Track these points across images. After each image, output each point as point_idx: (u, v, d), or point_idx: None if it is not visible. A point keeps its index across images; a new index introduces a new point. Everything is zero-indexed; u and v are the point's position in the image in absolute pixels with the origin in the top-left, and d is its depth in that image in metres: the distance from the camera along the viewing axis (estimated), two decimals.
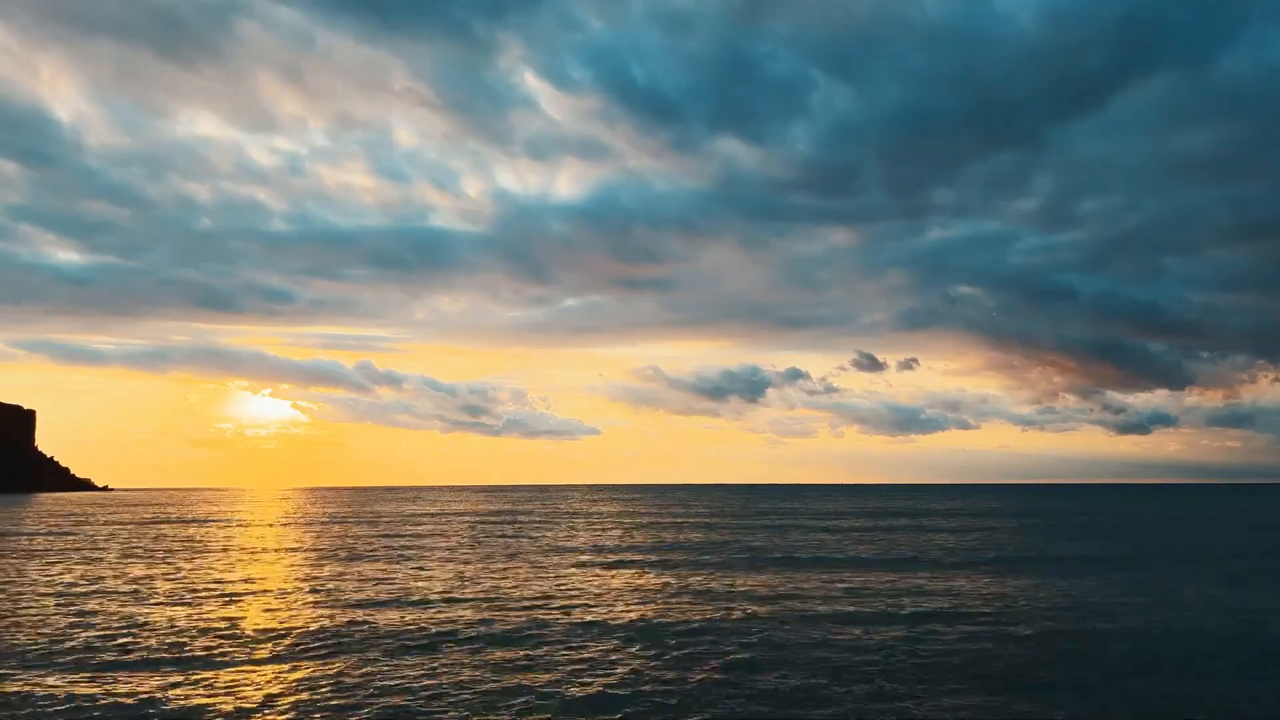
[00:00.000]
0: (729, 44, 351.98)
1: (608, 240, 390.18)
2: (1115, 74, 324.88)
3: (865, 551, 41.19)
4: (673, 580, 29.70)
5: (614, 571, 32.26)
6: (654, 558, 37.85)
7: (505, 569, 32.42)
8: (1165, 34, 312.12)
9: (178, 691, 14.85)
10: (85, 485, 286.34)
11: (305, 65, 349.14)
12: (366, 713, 13.60)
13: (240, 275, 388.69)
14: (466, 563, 34.96)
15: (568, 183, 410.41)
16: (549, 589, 26.67)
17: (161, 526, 64.59)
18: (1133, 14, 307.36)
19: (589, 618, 21.32)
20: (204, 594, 25.44)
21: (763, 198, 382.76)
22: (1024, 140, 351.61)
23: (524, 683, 15.39)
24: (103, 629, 20.17)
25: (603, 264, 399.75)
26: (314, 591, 25.42)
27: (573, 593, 25.71)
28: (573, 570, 32.16)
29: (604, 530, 57.87)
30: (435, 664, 16.78)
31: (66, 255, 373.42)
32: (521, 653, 17.78)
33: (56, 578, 30.53)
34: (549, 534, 54.27)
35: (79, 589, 26.99)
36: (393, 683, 15.38)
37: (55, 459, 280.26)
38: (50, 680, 15.55)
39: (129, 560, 36.50)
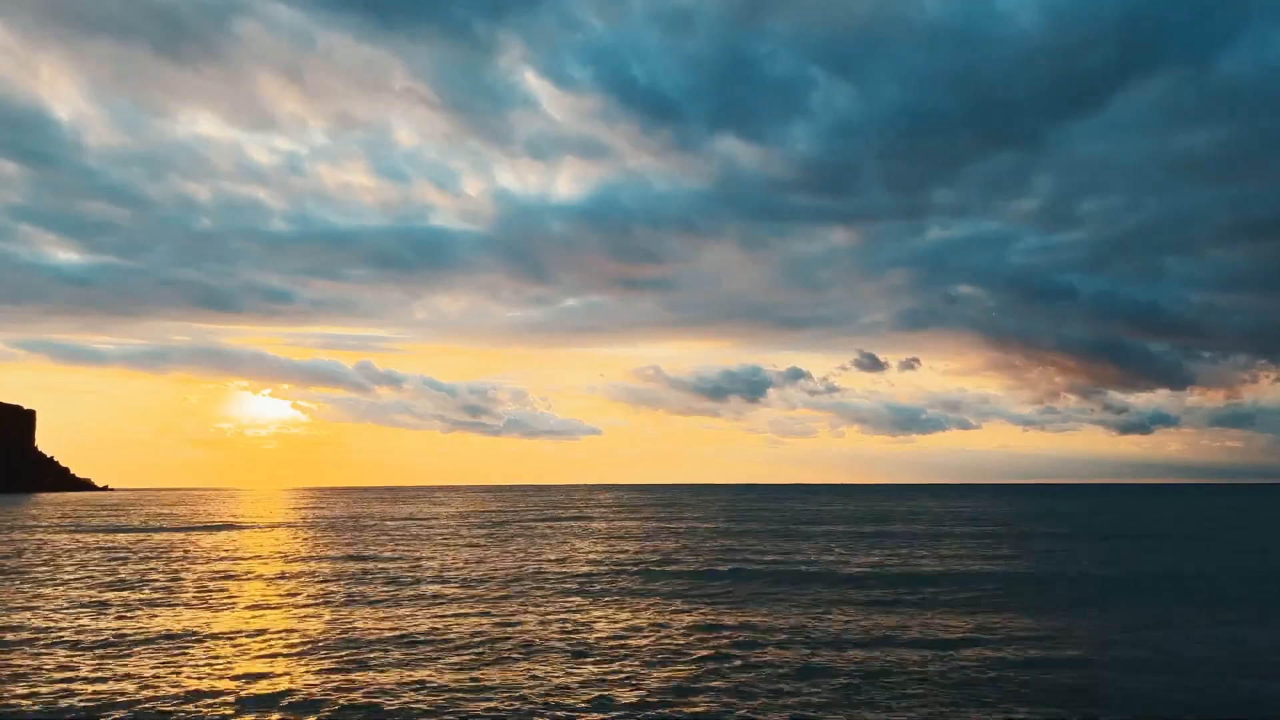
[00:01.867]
0: (729, 44, 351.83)
1: (608, 240, 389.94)
2: (1115, 74, 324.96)
3: (932, 566, 40.27)
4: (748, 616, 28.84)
5: (640, 599, 31.57)
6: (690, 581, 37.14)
7: (522, 595, 31.74)
8: (1165, 34, 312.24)
9: None
10: (85, 485, 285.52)
11: (305, 65, 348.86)
12: None
13: (240, 275, 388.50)
14: (477, 586, 34.44)
15: (568, 182, 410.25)
16: (572, 624, 25.21)
17: (155, 536, 63.99)
18: (1133, 14, 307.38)
19: (625, 671, 19.31)
20: (171, 638, 23.85)
21: (763, 198, 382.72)
22: (1024, 140, 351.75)
23: None
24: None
25: (603, 264, 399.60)
26: (302, 634, 22.84)
27: (600, 631, 23.43)
28: (591, 598, 31.41)
29: (617, 541, 57.31)
30: None
31: (66, 255, 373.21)
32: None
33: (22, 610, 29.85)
34: (562, 545, 53.68)
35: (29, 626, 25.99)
36: None
37: (55, 459, 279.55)
38: None
39: (100, 586, 35.85)
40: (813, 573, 34.54)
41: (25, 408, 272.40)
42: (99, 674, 17.67)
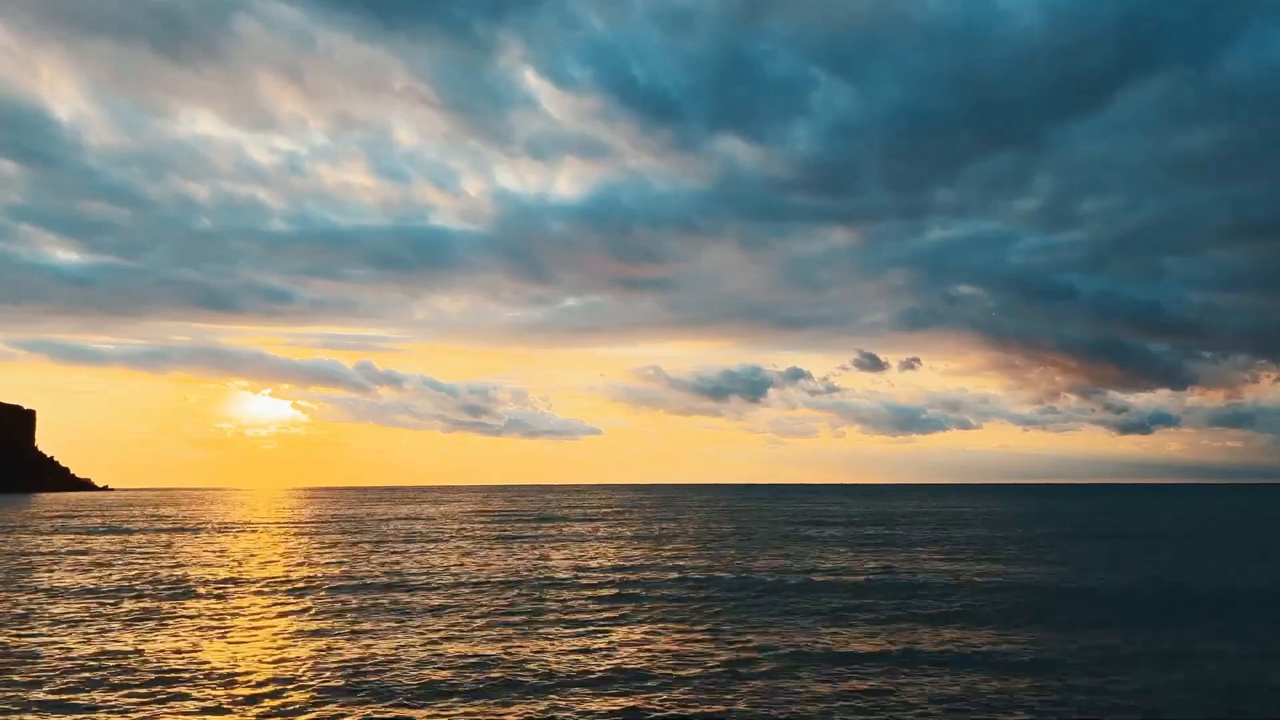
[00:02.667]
0: (729, 43, 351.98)
1: (608, 240, 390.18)
2: (1115, 74, 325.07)
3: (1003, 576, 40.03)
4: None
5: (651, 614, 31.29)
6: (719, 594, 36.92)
7: (531, 605, 31.54)
8: (1165, 34, 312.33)
9: None
10: (85, 485, 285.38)
11: (305, 65, 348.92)
12: None
13: (240, 275, 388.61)
14: (485, 593, 34.34)
15: (568, 182, 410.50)
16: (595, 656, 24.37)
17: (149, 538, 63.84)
18: (1133, 14, 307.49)
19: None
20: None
21: (763, 197, 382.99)
22: (1024, 140, 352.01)
23: None
24: None
25: (603, 264, 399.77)
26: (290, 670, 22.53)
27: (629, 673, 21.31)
28: (601, 607, 31.15)
29: (622, 544, 57.14)
30: None
31: (66, 255, 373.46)
32: None
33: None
34: (566, 548, 53.56)
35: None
36: None
37: (55, 459, 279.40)
38: None
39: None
40: (825, 581, 34.20)
41: (25, 408, 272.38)
42: (100, 692, 17.58)
